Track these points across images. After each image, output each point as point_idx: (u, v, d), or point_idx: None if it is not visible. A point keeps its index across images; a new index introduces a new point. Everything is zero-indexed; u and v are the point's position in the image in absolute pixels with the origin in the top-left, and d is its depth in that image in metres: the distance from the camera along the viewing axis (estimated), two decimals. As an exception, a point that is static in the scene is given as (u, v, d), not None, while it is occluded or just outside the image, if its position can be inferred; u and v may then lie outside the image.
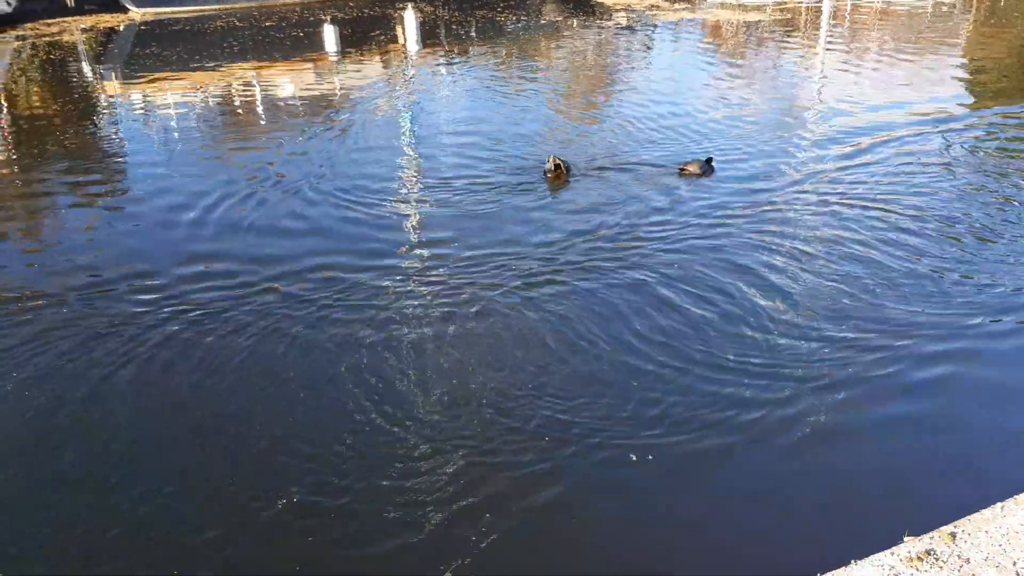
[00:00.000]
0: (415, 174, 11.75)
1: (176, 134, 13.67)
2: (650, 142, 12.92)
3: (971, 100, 15.21)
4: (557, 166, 11.58)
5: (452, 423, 6.48)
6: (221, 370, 7.19)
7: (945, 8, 23.77)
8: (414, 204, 10.71)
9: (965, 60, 18.64)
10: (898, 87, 15.86)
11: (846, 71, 17.31)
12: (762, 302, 8.11)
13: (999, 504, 5.09)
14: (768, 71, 17.67)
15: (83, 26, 22.17)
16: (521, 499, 5.71)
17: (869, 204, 10.40)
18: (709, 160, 11.76)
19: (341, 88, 16.45)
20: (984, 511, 5.05)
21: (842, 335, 7.56)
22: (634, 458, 6.10)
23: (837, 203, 10.42)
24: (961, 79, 16.86)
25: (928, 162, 11.91)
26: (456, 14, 23.37)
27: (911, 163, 11.83)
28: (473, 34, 21.50)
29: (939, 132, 13.17)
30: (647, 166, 11.85)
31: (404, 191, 11.12)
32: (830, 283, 8.43)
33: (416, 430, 6.41)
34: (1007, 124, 13.49)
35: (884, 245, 9.25)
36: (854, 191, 10.83)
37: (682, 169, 11.60)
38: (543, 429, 6.38)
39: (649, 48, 19.63)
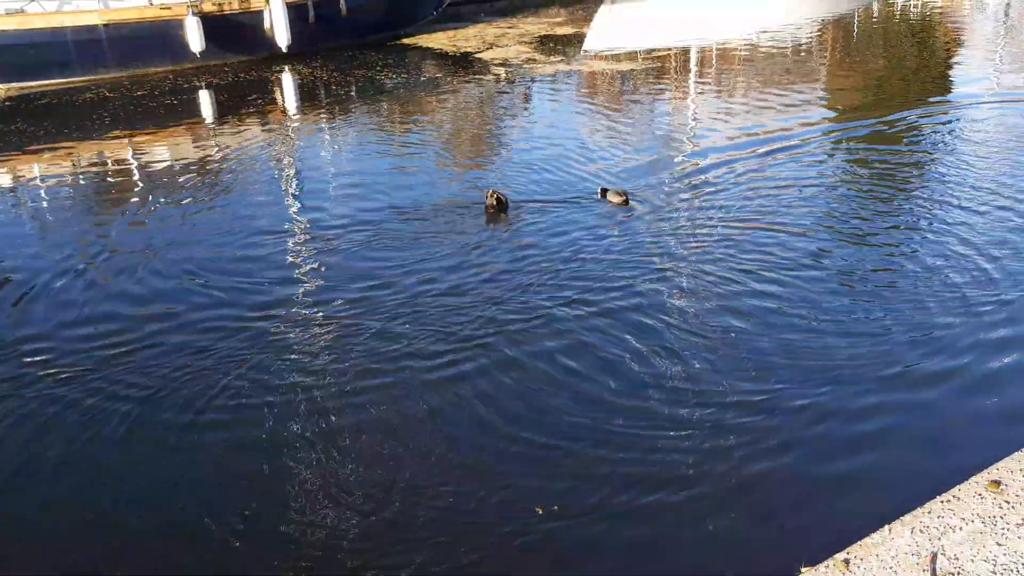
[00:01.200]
0: (301, 232, 11.70)
1: (48, 213, 13.13)
2: (545, 182, 13.40)
3: (837, 126, 16.20)
4: (499, 200, 11.76)
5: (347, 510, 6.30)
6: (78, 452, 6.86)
7: (803, 50, 25.14)
8: (301, 261, 10.64)
9: (826, 93, 19.74)
10: (767, 119, 16.73)
11: (717, 108, 18.06)
12: (660, 358, 8.25)
13: (887, 527, 5.24)
14: (645, 114, 18.24)
15: (-60, 104, 21.15)
16: None
17: (761, 229, 11.01)
18: (604, 190, 12.32)
19: (219, 153, 16.13)
20: (873, 535, 5.19)
21: (750, 376, 7.75)
22: (540, 512, 6.07)
23: (729, 232, 10.83)
24: (825, 108, 17.94)
25: (807, 185, 12.77)
26: (335, 75, 23.33)
27: (790, 187, 12.65)
28: (353, 93, 21.49)
29: (813, 155, 14.22)
30: (555, 202, 12.37)
31: (290, 249, 11.03)
32: (738, 325, 8.66)
33: (315, 515, 6.21)
34: (874, 146, 14.37)
35: (792, 276, 9.61)
36: (745, 218, 11.47)
37: (623, 201, 12.02)
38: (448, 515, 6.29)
39: (529, 99, 20.00)
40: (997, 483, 5.57)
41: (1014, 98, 18.02)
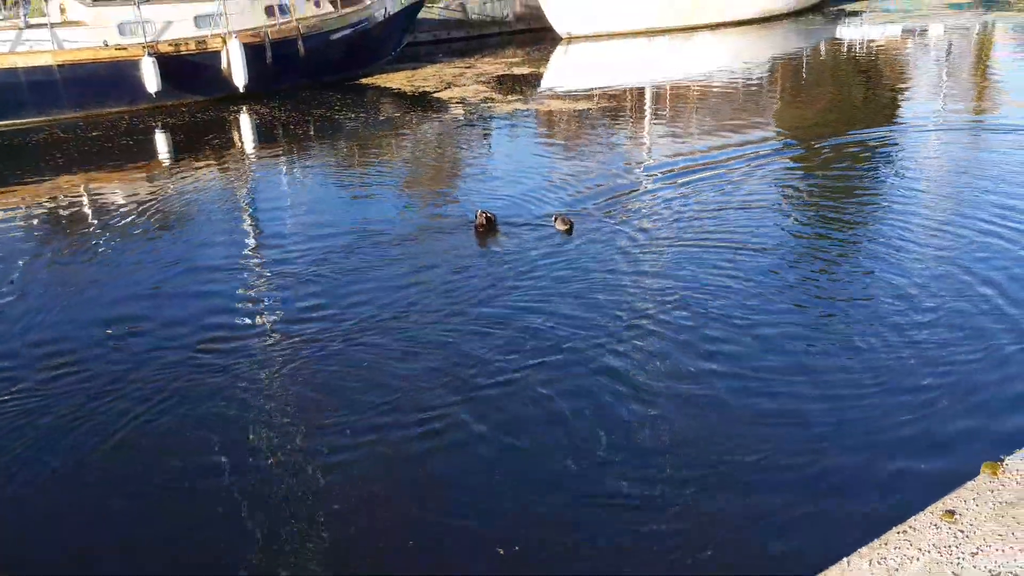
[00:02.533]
0: (256, 267, 11.69)
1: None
2: (506, 209, 13.63)
3: (786, 158, 16.61)
4: (489, 219, 11.88)
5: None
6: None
7: (754, 87, 25.70)
8: (254, 297, 10.65)
9: (776, 126, 20.25)
10: (719, 151, 17.18)
11: (673, 144, 18.37)
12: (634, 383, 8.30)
13: (845, 559, 5.29)
14: (602, 150, 18.45)
15: None
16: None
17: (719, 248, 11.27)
18: (556, 217, 12.71)
19: (175, 193, 16.01)
20: (832, 568, 5.24)
21: (701, 406, 7.82)
22: (501, 552, 6.05)
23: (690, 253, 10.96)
24: (775, 139, 18.41)
25: (773, 210, 13.26)
26: (293, 114, 23.34)
27: (743, 210, 13.23)
28: (312, 133, 21.51)
29: (762, 182, 14.84)
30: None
31: (242, 286, 11.05)
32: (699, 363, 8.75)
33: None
34: (823, 172, 14.69)
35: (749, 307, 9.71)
36: (706, 240, 11.84)
37: (567, 230, 12.26)
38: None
39: (488, 137, 20.15)
40: (952, 513, 5.65)
41: (955, 126, 18.79)
